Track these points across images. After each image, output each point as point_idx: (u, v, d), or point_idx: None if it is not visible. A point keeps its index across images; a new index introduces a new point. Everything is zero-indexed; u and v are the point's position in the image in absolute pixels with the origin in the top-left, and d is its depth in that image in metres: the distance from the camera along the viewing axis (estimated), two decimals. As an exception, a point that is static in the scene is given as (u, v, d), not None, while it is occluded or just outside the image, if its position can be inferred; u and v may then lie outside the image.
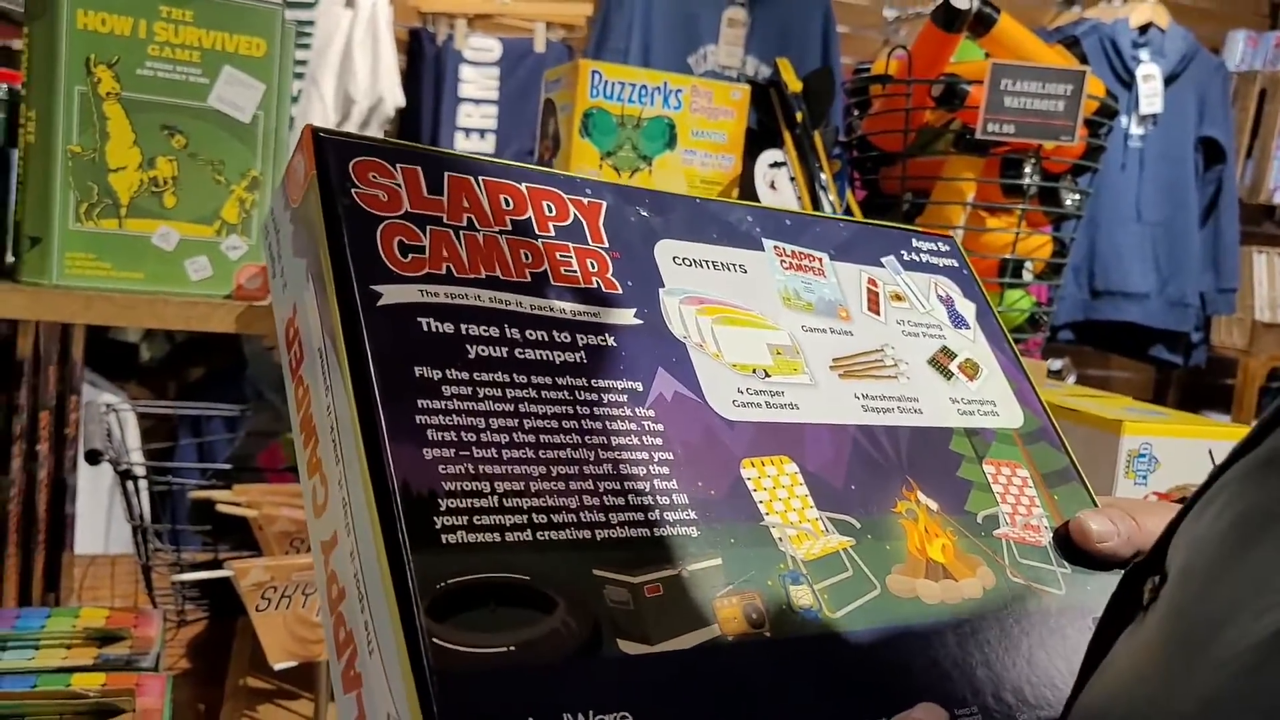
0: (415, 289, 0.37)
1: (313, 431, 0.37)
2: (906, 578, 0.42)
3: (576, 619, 0.33)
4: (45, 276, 0.80)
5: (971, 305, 0.55)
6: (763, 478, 0.41)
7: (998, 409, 0.51)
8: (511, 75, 2.53)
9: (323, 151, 0.39)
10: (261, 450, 1.33)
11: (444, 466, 0.34)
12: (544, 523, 0.35)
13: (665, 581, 0.36)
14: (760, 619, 0.37)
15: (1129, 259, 2.78)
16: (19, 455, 1.04)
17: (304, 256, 0.39)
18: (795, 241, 0.50)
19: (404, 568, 0.31)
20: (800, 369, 0.46)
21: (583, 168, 0.95)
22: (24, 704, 0.72)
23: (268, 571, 0.78)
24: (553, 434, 0.37)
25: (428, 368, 0.36)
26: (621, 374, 0.40)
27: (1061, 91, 0.96)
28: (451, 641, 0.31)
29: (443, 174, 0.41)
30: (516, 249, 0.41)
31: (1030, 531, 0.47)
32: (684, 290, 0.44)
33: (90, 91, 0.79)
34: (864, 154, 1.10)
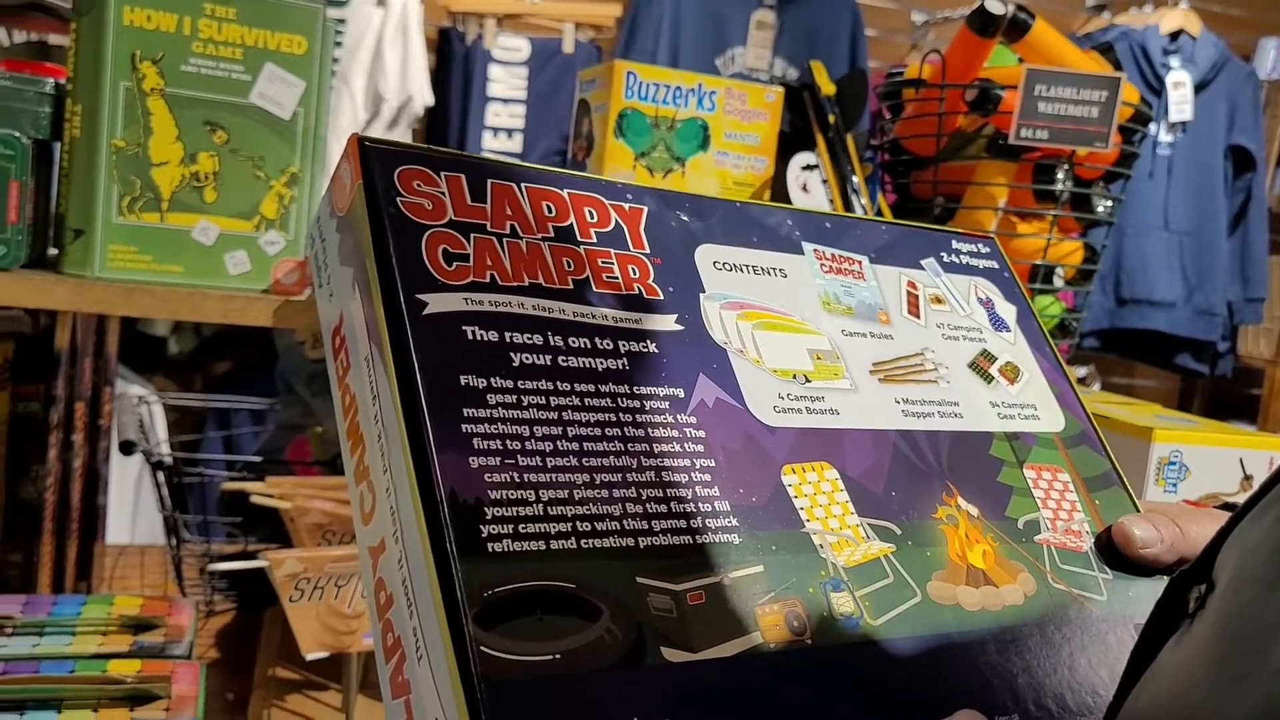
0: (460, 297, 0.38)
1: (360, 439, 0.37)
2: (947, 584, 0.42)
3: (621, 627, 0.33)
4: (88, 268, 0.81)
5: (1012, 308, 0.55)
6: (803, 484, 0.41)
7: (1038, 413, 0.51)
8: (540, 75, 2.54)
9: (368, 160, 0.39)
10: (290, 443, 1.34)
11: (490, 475, 0.34)
12: (588, 531, 0.35)
13: (708, 589, 0.36)
14: (802, 626, 0.37)
15: (1156, 267, 2.76)
16: (55, 445, 1.05)
17: (350, 265, 0.39)
18: (835, 245, 0.50)
19: (452, 576, 0.32)
20: (840, 374, 0.46)
21: (616, 168, 0.96)
22: (63, 688, 0.73)
23: (301, 563, 0.79)
24: (596, 441, 0.37)
25: (473, 376, 0.36)
26: (663, 380, 0.40)
27: (1096, 98, 0.96)
28: (499, 649, 0.31)
29: (486, 181, 0.41)
30: (559, 256, 0.41)
31: (1072, 537, 0.47)
32: (724, 295, 0.45)
33: (135, 87, 0.80)
34: (895, 157, 1.10)
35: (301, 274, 0.87)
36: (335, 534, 0.90)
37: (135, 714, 0.73)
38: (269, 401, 1.46)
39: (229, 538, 1.25)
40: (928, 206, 1.06)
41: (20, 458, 1.03)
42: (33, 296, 0.78)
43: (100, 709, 0.73)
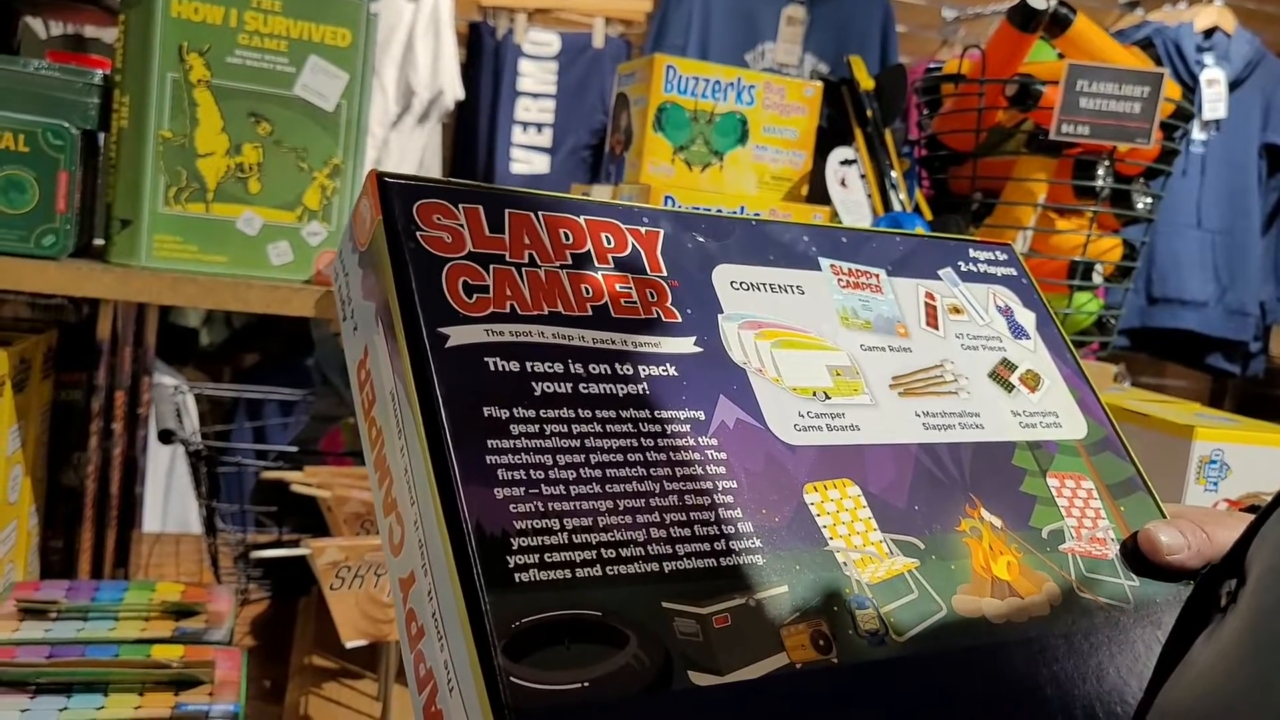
0: (481, 329, 0.38)
1: (387, 472, 0.38)
2: (972, 597, 0.42)
3: (648, 652, 0.34)
4: (134, 258, 0.82)
5: (1031, 314, 0.54)
6: (825, 502, 0.41)
7: (1060, 420, 0.51)
8: (570, 69, 2.54)
9: (387, 195, 0.40)
10: (324, 434, 1.35)
11: (515, 505, 0.35)
12: (613, 557, 0.35)
13: (733, 611, 0.36)
14: (828, 645, 0.37)
15: (1188, 266, 2.74)
16: (96, 433, 1.06)
17: (373, 300, 0.40)
18: (852, 259, 0.50)
19: (480, 608, 0.32)
20: (860, 389, 0.46)
21: (655, 161, 0.96)
22: (110, 671, 0.74)
23: (342, 551, 0.80)
24: (619, 467, 0.37)
25: (496, 407, 0.36)
26: (684, 403, 0.40)
27: (1138, 93, 0.96)
28: (528, 679, 0.31)
29: (503, 211, 0.41)
30: (577, 283, 0.41)
31: (1097, 545, 0.47)
32: (742, 315, 0.45)
33: (182, 78, 0.81)
34: (933, 153, 1.10)
35: (343, 265, 0.87)
36: (374, 523, 0.91)
37: (180, 698, 0.73)
38: (303, 392, 1.47)
39: (259, 527, 1.26)
40: (965, 202, 1.06)
41: (61, 445, 1.04)
42: (80, 285, 0.79)
43: (145, 692, 0.73)
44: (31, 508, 0.97)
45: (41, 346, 0.96)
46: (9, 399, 0.86)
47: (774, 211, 0.95)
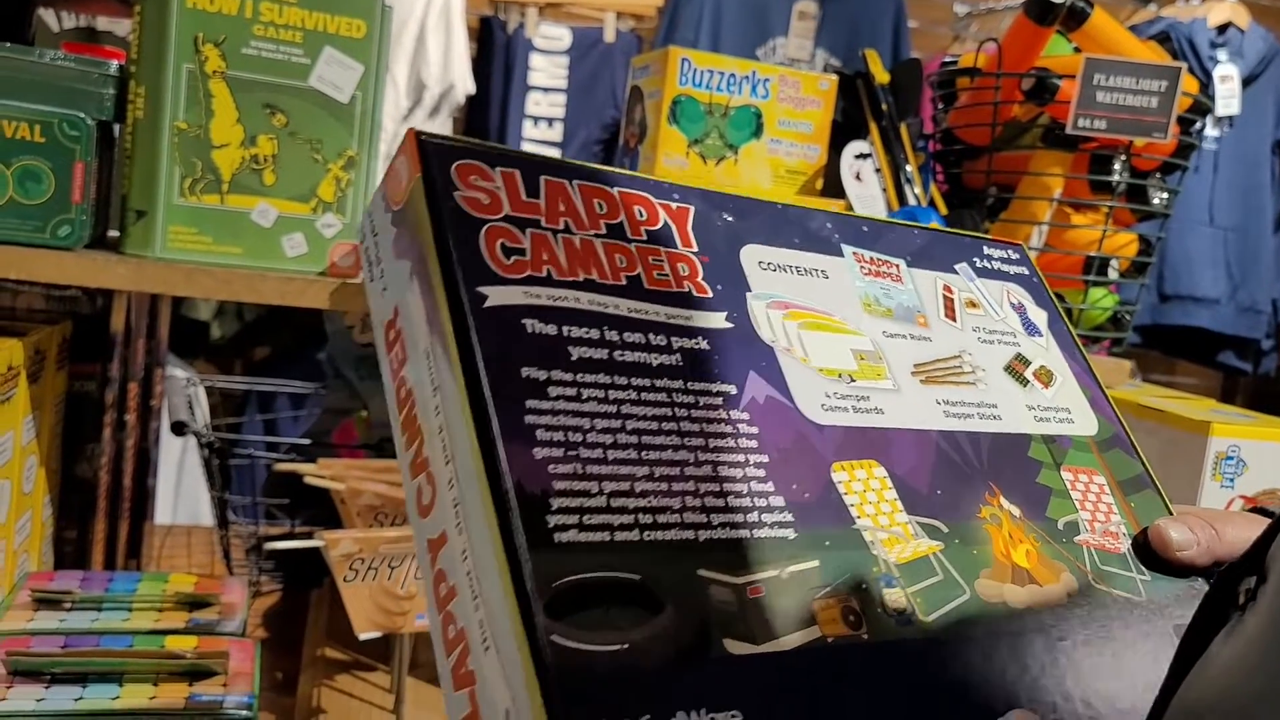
0: (519, 291, 0.38)
1: (417, 432, 0.37)
2: (994, 583, 0.42)
3: (685, 619, 0.34)
4: (149, 249, 0.82)
5: (1043, 313, 0.55)
6: (853, 481, 0.42)
7: (1073, 416, 0.52)
8: (580, 64, 2.54)
9: (426, 154, 0.40)
10: (336, 427, 1.35)
11: (554, 466, 0.34)
12: (650, 523, 0.35)
13: (766, 583, 0.36)
14: (858, 621, 0.37)
15: (1199, 263, 2.73)
16: (109, 425, 1.07)
17: (407, 258, 0.39)
18: (873, 248, 0.51)
19: (521, 566, 0.32)
20: (883, 374, 0.46)
21: (670, 155, 0.96)
22: (125, 662, 0.74)
23: (357, 543, 0.80)
24: (654, 435, 0.37)
25: (534, 368, 0.36)
26: (715, 377, 0.40)
27: (1155, 88, 0.95)
28: (569, 639, 0.31)
29: (539, 178, 0.41)
30: (611, 252, 0.41)
31: (1109, 539, 0.47)
32: (770, 295, 0.45)
33: (198, 69, 0.81)
34: (948, 147, 1.09)
35: (358, 257, 0.87)
36: (388, 516, 0.91)
37: (194, 689, 0.73)
38: (314, 385, 1.47)
39: (270, 519, 1.27)
40: (980, 197, 1.05)
41: (75, 436, 1.05)
42: (96, 276, 0.79)
43: (160, 683, 0.73)
44: (46, 498, 0.98)
45: (56, 338, 0.96)
46: (24, 389, 0.86)
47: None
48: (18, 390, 0.85)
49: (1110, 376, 1.03)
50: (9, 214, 0.78)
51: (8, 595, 0.85)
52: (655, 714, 0.31)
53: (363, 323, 1.18)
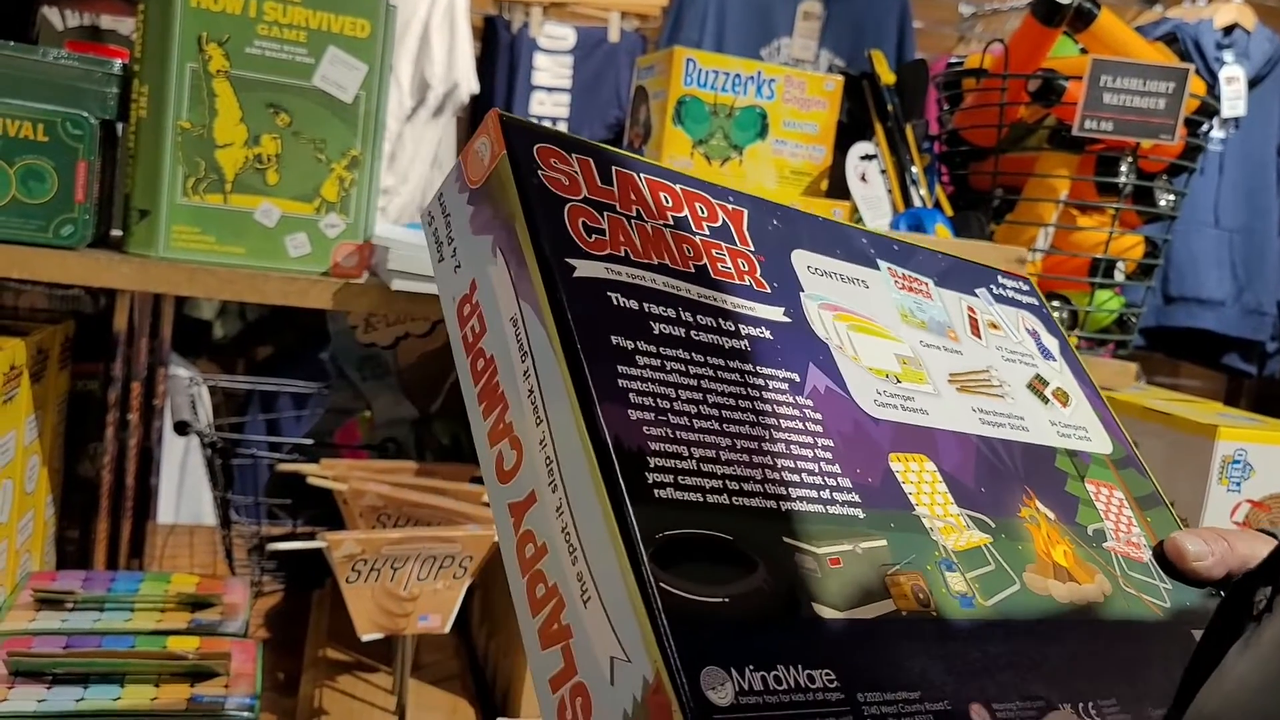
0: (601, 266, 0.39)
1: (499, 399, 0.39)
2: (1039, 576, 0.44)
3: (776, 579, 0.35)
4: (152, 249, 0.82)
5: (1055, 340, 0.59)
6: (908, 471, 0.44)
7: (1089, 435, 0.55)
8: (585, 63, 2.54)
9: (510, 134, 0.41)
10: (339, 427, 1.34)
11: (647, 428, 0.36)
12: (737, 489, 0.37)
13: (843, 555, 0.38)
14: (926, 599, 0.39)
15: (1204, 265, 2.72)
16: (112, 424, 1.06)
17: (489, 232, 0.41)
18: (904, 265, 0.54)
19: (626, 517, 0.33)
20: (924, 379, 0.49)
21: (674, 155, 0.96)
22: (127, 663, 0.74)
23: (359, 544, 0.80)
24: (731, 410, 0.39)
25: (622, 337, 0.38)
26: (780, 364, 0.42)
27: (1163, 89, 0.95)
28: (676, 588, 0.32)
29: (611, 167, 0.43)
30: (679, 242, 0.43)
31: (1132, 548, 0.50)
32: (820, 296, 0.47)
33: (201, 68, 0.81)
34: (954, 148, 1.09)
35: (361, 257, 0.87)
36: (390, 517, 0.90)
37: (196, 689, 0.73)
38: (317, 386, 1.46)
39: (273, 519, 1.26)
40: (986, 198, 1.05)
41: (78, 435, 1.05)
42: (99, 275, 0.79)
43: (162, 684, 0.73)
44: (48, 498, 0.97)
45: (59, 337, 0.96)
46: (26, 389, 0.86)
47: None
48: (20, 390, 0.84)
49: (1116, 379, 1.03)
50: (12, 213, 0.77)
51: (10, 595, 0.85)
52: (757, 664, 0.32)
53: (365, 322, 1.18)
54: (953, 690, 0.37)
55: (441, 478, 0.97)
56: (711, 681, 0.31)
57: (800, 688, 0.33)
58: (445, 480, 0.96)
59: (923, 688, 0.36)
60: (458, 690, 1.00)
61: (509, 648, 0.98)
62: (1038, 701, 0.39)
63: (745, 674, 0.32)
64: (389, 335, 1.21)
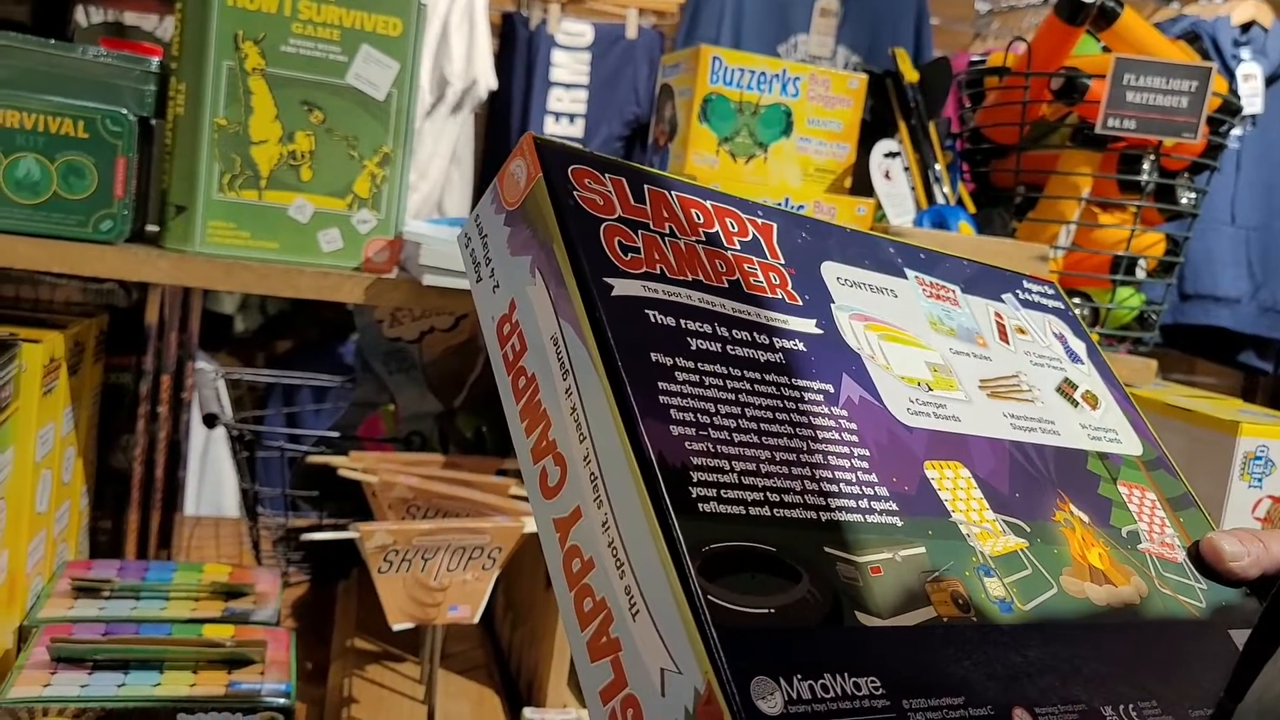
0: (638, 284, 0.40)
1: (542, 416, 0.39)
2: (1076, 580, 0.45)
3: (820, 589, 0.36)
4: (189, 243, 0.83)
5: (1082, 344, 0.59)
6: (943, 479, 0.44)
7: (1119, 437, 0.55)
8: (602, 60, 2.54)
9: (545, 156, 0.42)
10: (363, 420, 1.36)
11: (689, 443, 0.37)
12: (778, 501, 0.37)
13: (884, 564, 0.39)
14: (966, 605, 0.40)
15: (1220, 262, 2.71)
16: (143, 417, 1.08)
17: (527, 253, 0.42)
18: (930, 273, 0.54)
19: (672, 531, 0.34)
20: (955, 386, 0.49)
21: (700, 153, 0.97)
22: (165, 650, 0.75)
23: (391, 535, 0.81)
24: (769, 424, 0.40)
25: (661, 354, 0.39)
26: (814, 376, 0.43)
27: (1186, 88, 0.95)
28: (723, 600, 0.33)
29: (643, 185, 0.44)
30: (712, 258, 0.44)
31: (1167, 549, 0.50)
32: (851, 308, 0.48)
33: (237, 66, 0.82)
34: (976, 146, 1.10)
35: (392, 253, 0.88)
36: (419, 509, 0.92)
37: (232, 676, 0.75)
38: (342, 379, 1.48)
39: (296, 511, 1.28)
40: (1008, 195, 1.06)
41: (110, 428, 1.06)
42: (138, 269, 0.80)
43: (199, 670, 0.75)
44: (83, 488, 0.99)
45: (93, 330, 0.98)
46: (64, 381, 0.88)
47: (818, 204, 0.95)
48: (59, 382, 0.86)
49: (1136, 376, 1.04)
50: (53, 209, 0.79)
51: (48, 583, 0.87)
52: (805, 674, 0.33)
53: (391, 317, 1.19)
54: (995, 695, 0.37)
55: (468, 470, 0.99)
56: (761, 691, 0.32)
57: (847, 695, 0.33)
58: (472, 472, 0.98)
59: (966, 693, 0.36)
60: (484, 680, 1.02)
61: (534, 639, 0.99)
62: (1078, 705, 0.39)
63: (793, 683, 0.32)
64: (414, 330, 1.22)
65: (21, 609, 0.82)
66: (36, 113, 0.78)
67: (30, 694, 0.69)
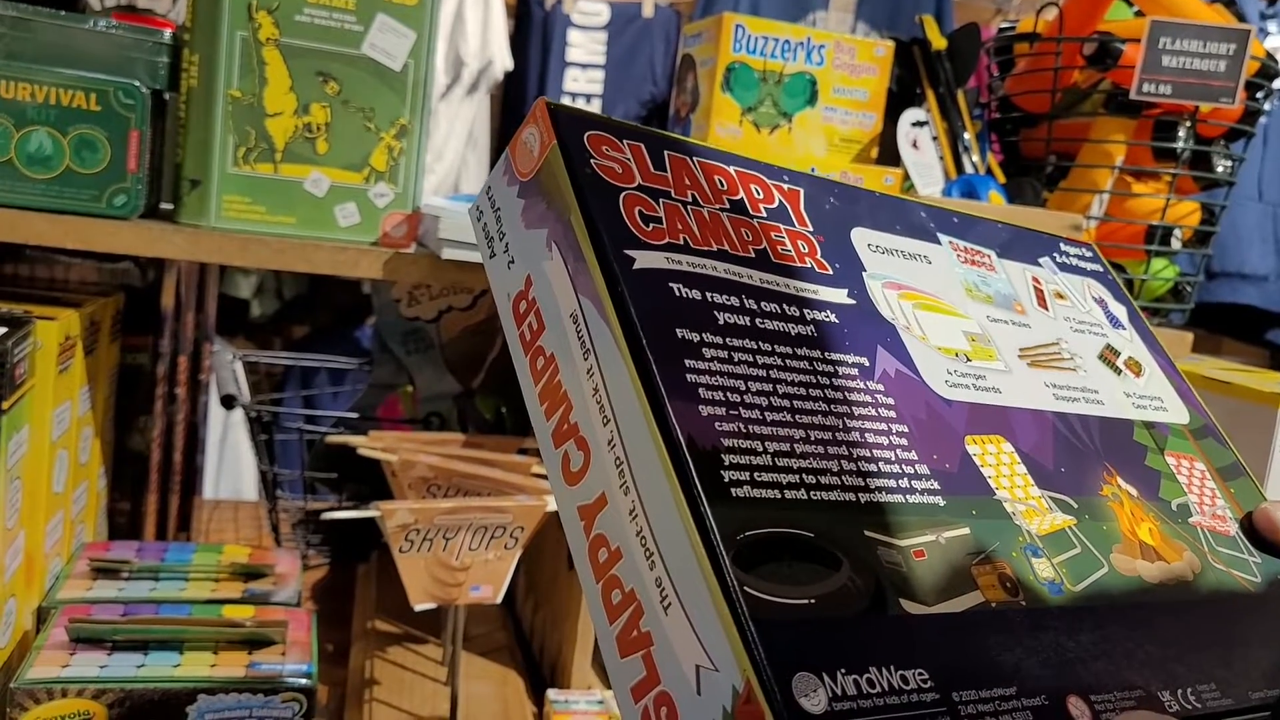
0: (662, 256, 0.38)
1: (563, 398, 0.37)
2: (1127, 557, 0.43)
3: (862, 576, 0.34)
4: (204, 218, 0.82)
5: (1123, 308, 0.57)
6: (985, 454, 0.42)
7: (1165, 405, 0.53)
8: (618, 39, 2.52)
9: (559, 123, 0.40)
10: (380, 402, 1.35)
11: (720, 424, 0.34)
12: (814, 484, 0.35)
13: (927, 546, 0.37)
14: (1014, 588, 0.38)
15: (1248, 239, 2.68)
16: (161, 398, 1.07)
17: (543, 226, 0.39)
18: (964, 238, 0.52)
19: (704, 519, 0.32)
20: (994, 356, 0.47)
21: (723, 123, 0.94)
22: (184, 630, 0.74)
23: (412, 514, 0.80)
24: (803, 400, 0.37)
25: (687, 330, 0.36)
26: (848, 349, 0.41)
27: (1223, 51, 0.93)
28: (760, 591, 0.31)
29: (663, 152, 0.42)
30: (737, 226, 0.42)
31: (1219, 521, 0.48)
32: (884, 276, 0.46)
33: (251, 37, 0.80)
34: (1005, 115, 1.07)
35: (410, 227, 0.87)
36: (440, 488, 0.90)
37: (253, 657, 0.73)
38: (359, 361, 1.47)
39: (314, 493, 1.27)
40: (1039, 165, 1.03)
41: (127, 409, 1.05)
42: (152, 245, 0.79)
43: (220, 651, 0.74)
44: (101, 469, 0.98)
45: (109, 310, 0.96)
46: (80, 360, 0.87)
47: (844, 174, 0.93)
48: (74, 361, 0.85)
49: (1170, 349, 1.01)
50: (66, 183, 0.78)
51: (67, 564, 0.86)
52: (849, 668, 0.31)
53: (409, 296, 1.18)
54: (1048, 683, 0.35)
55: (489, 449, 0.97)
56: (804, 688, 0.30)
57: (894, 689, 0.31)
58: (493, 451, 0.96)
59: (1017, 682, 0.34)
60: (506, 661, 1.00)
61: (556, 620, 0.98)
62: (1135, 690, 0.37)
63: (837, 678, 0.31)
64: (432, 309, 1.21)
65: (40, 590, 0.81)
66: (48, 85, 0.76)
67: (49, 675, 0.68)
